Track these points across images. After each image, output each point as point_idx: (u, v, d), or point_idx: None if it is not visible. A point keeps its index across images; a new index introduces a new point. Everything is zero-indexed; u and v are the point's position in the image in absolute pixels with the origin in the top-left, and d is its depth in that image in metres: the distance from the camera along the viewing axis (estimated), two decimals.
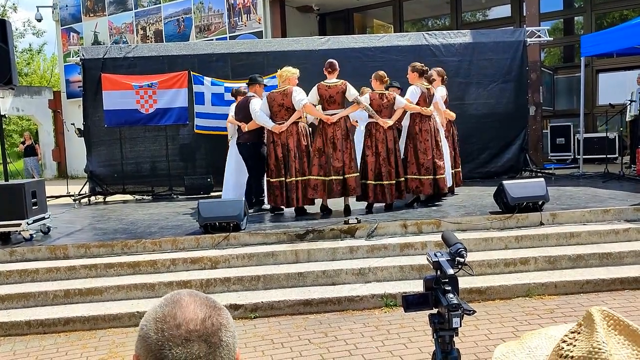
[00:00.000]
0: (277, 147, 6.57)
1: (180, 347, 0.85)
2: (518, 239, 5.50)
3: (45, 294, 4.95)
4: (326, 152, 6.42)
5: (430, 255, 1.55)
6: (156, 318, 0.89)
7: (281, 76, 6.71)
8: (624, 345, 0.87)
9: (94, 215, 8.22)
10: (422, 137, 6.76)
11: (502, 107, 9.76)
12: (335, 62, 6.62)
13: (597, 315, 0.90)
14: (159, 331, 0.86)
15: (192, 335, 0.86)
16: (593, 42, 9.41)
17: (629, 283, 4.80)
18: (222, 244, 5.62)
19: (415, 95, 6.77)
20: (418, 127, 6.80)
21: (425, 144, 6.76)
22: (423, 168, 6.74)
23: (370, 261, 5.21)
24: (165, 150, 9.78)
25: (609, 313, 0.91)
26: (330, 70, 6.55)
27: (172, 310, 0.88)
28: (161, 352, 0.85)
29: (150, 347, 0.86)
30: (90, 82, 9.63)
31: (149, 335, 0.87)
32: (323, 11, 16.27)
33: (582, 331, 0.90)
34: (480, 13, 15.89)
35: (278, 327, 4.39)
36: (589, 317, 0.90)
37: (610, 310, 0.92)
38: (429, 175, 6.75)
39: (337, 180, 6.41)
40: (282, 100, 6.56)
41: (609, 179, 8.59)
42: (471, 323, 4.05)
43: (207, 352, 0.86)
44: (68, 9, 18.63)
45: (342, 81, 6.53)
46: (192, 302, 0.90)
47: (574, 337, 0.91)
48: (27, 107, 19.13)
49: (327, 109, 6.53)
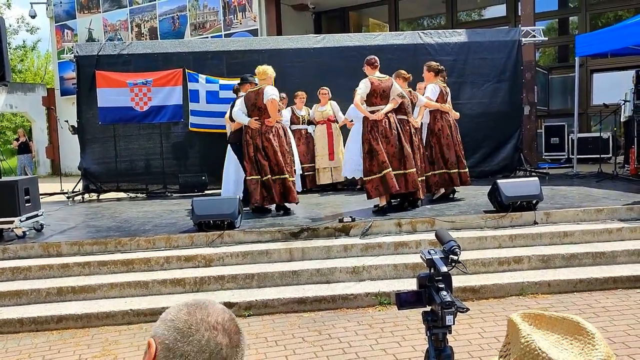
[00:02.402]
0: (249, 146, 6.61)
1: (208, 332, 0.92)
2: (512, 237, 5.51)
3: (38, 292, 4.92)
4: (388, 150, 6.17)
5: (424, 253, 1.55)
6: (188, 304, 0.96)
7: (264, 73, 6.62)
8: (548, 334, 0.91)
9: (87, 212, 8.18)
10: (445, 132, 7.01)
11: (497, 107, 9.78)
12: (376, 57, 6.44)
13: (517, 319, 0.94)
14: (191, 314, 0.93)
15: (219, 327, 0.94)
16: (588, 42, 9.43)
17: (621, 282, 4.82)
18: (217, 242, 5.61)
19: (435, 93, 6.99)
20: (440, 123, 7.05)
21: (447, 139, 7.02)
22: (449, 162, 6.99)
23: (364, 260, 5.21)
24: (159, 148, 9.75)
25: (528, 313, 0.95)
26: (376, 64, 6.34)
27: (202, 304, 0.97)
28: (189, 331, 0.91)
29: (178, 327, 0.92)
30: (84, 79, 9.57)
31: (179, 317, 0.93)
32: (318, 9, 16.26)
33: (511, 340, 0.93)
34: (475, 12, 15.92)
35: (272, 325, 4.38)
36: (511, 324, 0.95)
37: (528, 310, 0.95)
38: (454, 169, 7.01)
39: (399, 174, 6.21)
40: (254, 100, 6.59)
41: (602, 179, 8.62)
42: (465, 321, 4.06)
43: (229, 346, 0.94)
44: (62, 5, 18.53)
45: (388, 76, 6.45)
46: (214, 305, 0.99)
47: (507, 348, 0.95)
48: (20, 104, 19.03)
49: (378, 104, 6.25)
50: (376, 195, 6.24)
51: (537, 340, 0.89)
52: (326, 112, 9.02)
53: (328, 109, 9.03)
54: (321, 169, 9.07)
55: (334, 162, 9.00)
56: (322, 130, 9.04)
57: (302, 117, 9.06)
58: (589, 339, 0.89)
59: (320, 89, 9.01)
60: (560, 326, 0.93)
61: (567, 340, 0.91)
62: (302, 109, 9.09)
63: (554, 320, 0.94)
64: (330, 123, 9.02)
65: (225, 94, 8.96)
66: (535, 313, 0.96)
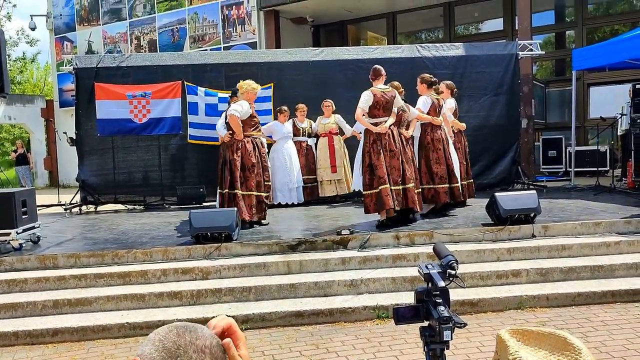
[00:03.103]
0: (219, 160, 6.78)
1: (196, 354, 0.92)
2: (510, 251, 5.50)
3: (33, 304, 4.89)
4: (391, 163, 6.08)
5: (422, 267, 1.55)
6: (177, 326, 0.95)
7: (241, 87, 6.75)
8: (536, 350, 0.91)
9: (84, 224, 8.15)
10: (435, 146, 6.88)
11: (494, 120, 9.82)
12: (381, 67, 6.31)
13: (505, 336, 0.94)
14: (180, 335, 0.93)
15: (207, 350, 0.94)
16: (584, 56, 9.50)
17: (620, 296, 4.81)
18: (214, 254, 5.59)
19: (427, 105, 6.89)
20: (430, 137, 6.92)
21: (437, 153, 6.88)
22: (437, 177, 6.85)
23: (362, 273, 5.19)
24: (157, 159, 9.75)
25: (515, 329, 0.96)
26: (379, 75, 6.20)
27: (192, 327, 0.96)
28: (177, 352, 0.91)
29: (166, 346, 0.92)
30: (83, 91, 9.60)
31: (169, 337, 0.93)
32: (317, 23, 16.37)
33: (500, 356, 0.94)
34: (473, 26, 16.04)
35: (269, 339, 4.35)
36: (499, 340, 0.95)
37: (516, 326, 0.95)
38: (443, 183, 6.86)
39: (397, 190, 6.10)
40: (226, 114, 6.75)
41: (600, 192, 8.64)
42: (463, 335, 4.04)
43: None
44: (62, 18, 18.64)
45: (391, 88, 6.34)
46: (206, 330, 0.98)
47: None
48: (19, 116, 19.05)
49: (380, 116, 6.10)
50: (374, 210, 6.15)
51: (525, 357, 0.89)
52: (329, 125, 9.05)
53: (331, 122, 9.06)
54: (325, 182, 9.08)
55: (336, 175, 9.01)
56: (324, 142, 9.07)
57: (303, 129, 9.09)
58: (576, 354, 0.89)
59: (324, 101, 9.06)
60: (548, 342, 0.93)
61: (554, 355, 0.91)
62: (304, 122, 9.13)
63: (541, 336, 0.94)
64: (333, 136, 9.05)
65: (224, 106, 8.98)
66: (523, 329, 0.96)
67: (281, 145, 8.84)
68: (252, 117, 6.69)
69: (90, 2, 18.02)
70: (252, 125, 6.71)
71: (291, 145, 8.93)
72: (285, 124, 8.92)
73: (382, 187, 5.99)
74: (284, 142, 8.87)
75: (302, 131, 9.09)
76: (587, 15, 13.82)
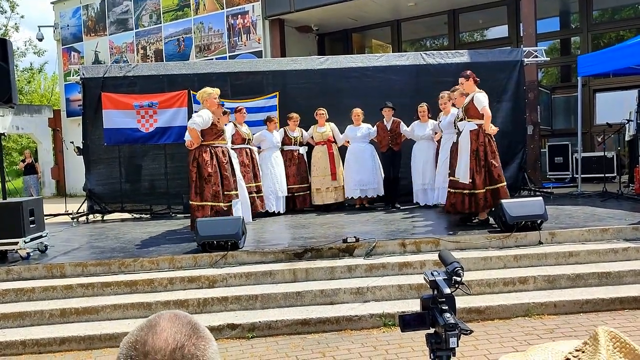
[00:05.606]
0: None
1: None
2: (517, 258, 5.48)
3: (41, 313, 4.91)
4: None
5: (427, 275, 1.55)
6: (129, 342, 0.86)
7: (200, 96, 6.78)
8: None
9: (91, 233, 8.19)
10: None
11: (500, 127, 9.67)
12: None
13: (602, 336, 0.89)
14: (127, 358, 0.84)
15: None
16: (590, 62, 9.49)
17: (628, 303, 4.77)
18: (220, 262, 5.60)
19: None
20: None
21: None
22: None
23: (368, 280, 5.18)
24: (164, 168, 9.79)
25: (616, 334, 0.90)
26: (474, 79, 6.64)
27: (144, 335, 0.85)
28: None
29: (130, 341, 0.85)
30: (90, 101, 9.66)
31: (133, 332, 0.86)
32: (322, 31, 16.44)
33: (586, 350, 0.89)
34: (477, 33, 16.06)
35: (275, 347, 4.34)
36: (594, 337, 0.90)
37: (617, 331, 0.91)
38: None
39: None
40: None
41: (607, 198, 8.60)
42: (470, 343, 4.02)
43: None
44: (69, 28, 18.81)
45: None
46: (168, 328, 0.86)
47: (578, 355, 0.90)
48: (26, 126, 19.20)
49: None
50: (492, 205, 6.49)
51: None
52: (326, 133, 9.08)
53: (327, 130, 9.09)
54: (323, 189, 9.08)
55: (336, 182, 9.03)
56: (322, 150, 9.08)
57: (294, 139, 9.11)
58: None
59: (318, 109, 9.08)
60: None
61: None
62: (296, 130, 9.14)
63: (637, 356, 0.89)
64: (331, 144, 9.08)
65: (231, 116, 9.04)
66: (623, 339, 0.91)
67: (269, 155, 8.85)
68: (214, 125, 6.60)
69: (97, 13, 18.19)
70: (215, 134, 6.64)
71: (278, 155, 8.94)
72: (275, 133, 8.92)
73: None
74: (271, 153, 8.87)
75: (293, 140, 9.10)
76: (592, 21, 13.81)
